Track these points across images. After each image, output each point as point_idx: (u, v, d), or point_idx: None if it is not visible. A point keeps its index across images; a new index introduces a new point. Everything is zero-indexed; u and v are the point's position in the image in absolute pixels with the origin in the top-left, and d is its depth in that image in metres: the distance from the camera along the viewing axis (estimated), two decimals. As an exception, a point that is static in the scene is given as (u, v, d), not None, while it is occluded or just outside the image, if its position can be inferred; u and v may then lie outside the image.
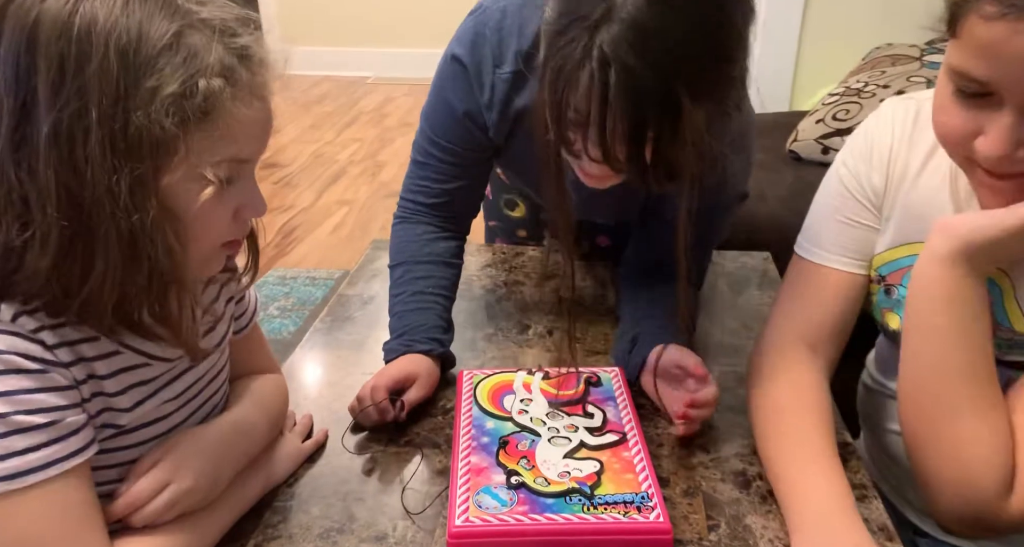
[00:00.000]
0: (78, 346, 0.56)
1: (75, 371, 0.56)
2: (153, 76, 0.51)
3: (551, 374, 0.86)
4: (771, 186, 1.80)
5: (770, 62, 2.63)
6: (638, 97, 0.64)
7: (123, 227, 0.52)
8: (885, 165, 0.75)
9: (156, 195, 0.53)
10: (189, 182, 0.54)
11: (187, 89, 0.52)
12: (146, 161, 0.51)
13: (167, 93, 0.51)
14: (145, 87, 0.50)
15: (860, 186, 0.77)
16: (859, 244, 0.78)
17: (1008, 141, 0.57)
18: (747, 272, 1.14)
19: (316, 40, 4.72)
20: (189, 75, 0.52)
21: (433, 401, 0.87)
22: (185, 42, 0.52)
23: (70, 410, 0.55)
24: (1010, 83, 0.55)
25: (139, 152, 0.51)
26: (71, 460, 0.55)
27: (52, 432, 0.54)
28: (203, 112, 0.52)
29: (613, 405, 0.81)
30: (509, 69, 0.84)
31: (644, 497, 0.68)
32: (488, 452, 0.74)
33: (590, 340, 0.98)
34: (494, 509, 0.67)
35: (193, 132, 0.53)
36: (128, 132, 0.50)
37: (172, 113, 0.51)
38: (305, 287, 2.33)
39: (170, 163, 0.53)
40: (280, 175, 3.21)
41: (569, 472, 0.71)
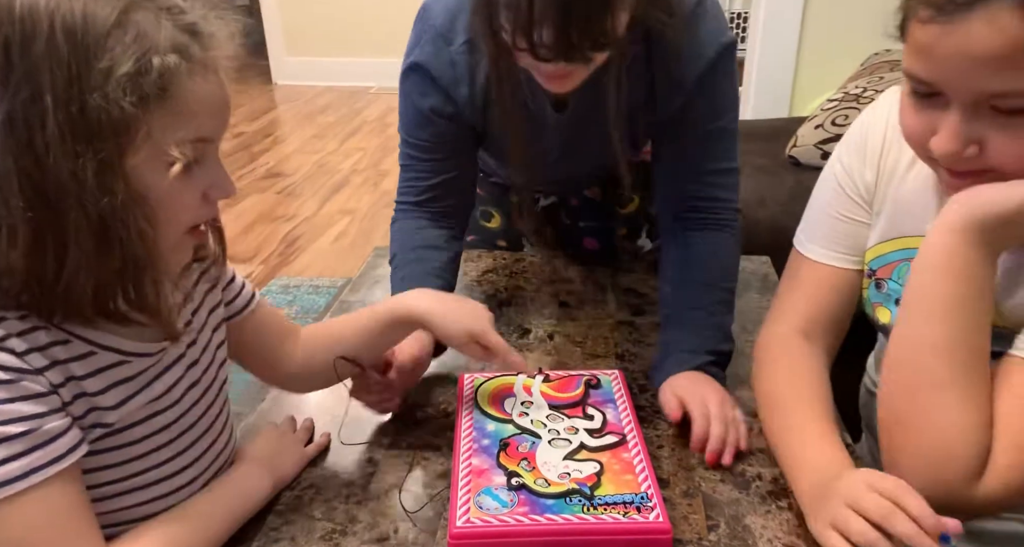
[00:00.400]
0: (50, 350, 0.55)
1: (50, 375, 0.55)
2: (105, 56, 0.50)
3: (551, 377, 0.87)
4: (771, 191, 1.80)
5: (769, 68, 2.64)
6: None
7: (92, 212, 0.51)
8: (877, 158, 0.76)
9: (123, 177, 0.52)
10: (155, 163, 0.54)
11: (142, 67, 0.51)
12: (109, 143, 0.51)
13: (122, 72, 0.50)
14: (98, 68, 0.50)
15: (852, 182, 0.78)
16: (852, 240, 0.78)
17: (956, 139, 0.57)
18: (747, 276, 1.14)
19: (319, 51, 4.76)
20: (142, 53, 0.51)
21: (434, 404, 0.88)
22: (132, 20, 0.51)
23: (48, 416, 0.54)
24: (948, 82, 0.56)
25: (100, 134, 0.50)
26: (54, 466, 0.54)
27: (30, 440, 0.53)
28: (161, 89, 0.52)
29: (613, 407, 0.82)
30: (463, 39, 0.87)
31: (644, 497, 0.68)
32: (489, 454, 0.75)
33: (590, 343, 0.99)
34: (495, 510, 0.67)
35: (153, 110, 0.52)
36: (86, 115, 0.50)
37: (129, 92, 0.50)
38: (308, 295, 2.34)
39: (133, 144, 0.52)
40: (283, 185, 3.23)
41: (569, 473, 0.71)
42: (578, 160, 1.02)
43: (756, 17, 2.73)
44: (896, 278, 0.72)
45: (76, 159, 0.50)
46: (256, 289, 0.79)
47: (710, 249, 0.94)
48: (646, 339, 1.00)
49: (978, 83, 0.54)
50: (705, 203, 0.94)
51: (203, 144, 0.57)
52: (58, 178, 0.50)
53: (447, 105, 0.91)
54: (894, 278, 0.73)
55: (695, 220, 0.94)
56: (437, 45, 0.88)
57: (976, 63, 0.53)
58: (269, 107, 4.40)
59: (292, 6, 4.67)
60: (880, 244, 0.75)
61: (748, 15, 3.91)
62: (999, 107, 0.55)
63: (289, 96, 4.59)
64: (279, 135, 3.94)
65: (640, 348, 0.98)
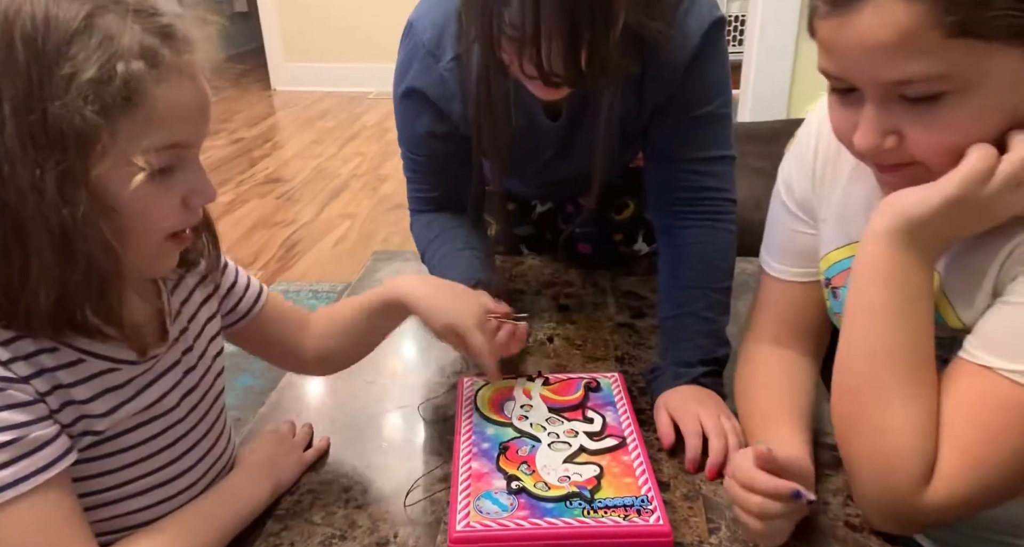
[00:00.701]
0: (36, 358, 0.55)
1: (36, 384, 0.54)
2: (67, 63, 0.48)
3: (551, 380, 0.86)
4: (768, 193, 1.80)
5: (767, 71, 2.64)
6: (571, 2, 0.66)
7: (53, 223, 0.50)
8: (811, 165, 0.75)
9: (86, 188, 0.50)
10: (123, 171, 0.52)
11: (105, 74, 0.49)
12: (70, 153, 0.49)
13: (84, 80, 0.48)
14: (59, 75, 0.48)
15: (792, 194, 0.78)
16: (804, 252, 0.77)
17: (874, 132, 0.57)
18: (745, 277, 1.14)
19: (318, 57, 4.77)
20: (106, 59, 0.49)
21: (434, 408, 0.88)
22: (98, 24, 0.50)
23: (35, 425, 0.54)
24: (853, 75, 0.57)
25: (62, 144, 0.49)
26: (42, 474, 0.54)
27: (17, 449, 0.53)
28: (125, 98, 0.50)
29: (613, 410, 0.81)
30: (451, 56, 0.87)
31: (644, 500, 0.68)
32: (489, 458, 0.74)
33: (590, 346, 0.99)
34: (495, 514, 0.67)
35: (118, 119, 0.50)
36: (47, 124, 0.48)
37: (92, 100, 0.49)
38: (308, 300, 2.34)
39: (97, 153, 0.50)
40: (283, 190, 3.23)
41: (569, 477, 0.71)
42: (573, 164, 1.01)
43: (753, 20, 2.73)
44: (849, 285, 0.72)
45: (36, 169, 0.49)
46: (265, 285, 0.79)
47: (701, 248, 0.92)
48: (646, 342, 1.00)
49: (878, 73, 0.55)
50: (697, 193, 0.93)
51: (179, 150, 0.56)
52: (18, 188, 0.49)
53: (441, 124, 0.92)
54: (847, 285, 0.72)
55: (688, 212, 0.93)
56: (426, 63, 0.88)
57: (871, 53, 0.54)
58: (268, 113, 4.40)
59: (291, 12, 4.68)
60: (832, 252, 0.73)
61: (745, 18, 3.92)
62: (908, 96, 0.55)
63: (288, 101, 4.60)
64: (278, 140, 3.95)
65: (640, 351, 0.98)
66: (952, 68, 0.53)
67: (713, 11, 0.86)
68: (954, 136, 0.56)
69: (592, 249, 1.22)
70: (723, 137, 0.93)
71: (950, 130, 0.55)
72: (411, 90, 0.91)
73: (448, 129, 0.92)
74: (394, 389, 0.92)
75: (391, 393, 0.91)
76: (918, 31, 0.51)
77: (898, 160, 0.59)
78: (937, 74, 0.53)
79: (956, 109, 0.54)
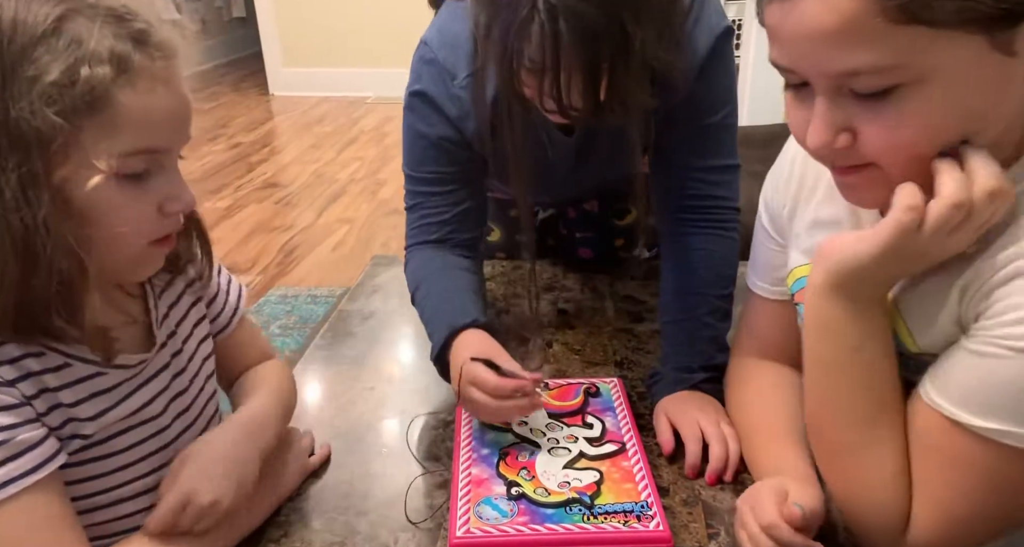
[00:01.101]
0: (22, 362, 0.55)
1: (23, 387, 0.54)
2: (32, 65, 0.48)
3: (550, 385, 0.87)
4: (767, 197, 1.80)
5: (765, 74, 2.65)
6: (590, 38, 0.67)
7: (14, 225, 0.49)
8: (786, 181, 0.73)
9: (48, 190, 0.50)
10: (86, 176, 0.51)
11: (68, 78, 0.49)
12: (33, 154, 0.49)
13: (47, 82, 0.48)
14: (23, 77, 0.48)
15: (768, 212, 0.77)
16: (780, 271, 0.76)
17: (824, 129, 0.54)
18: (744, 282, 1.14)
19: (316, 62, 4.78)
20: (71, 63, 0.49)
21: (433, 414, 0.87)
22: (68, 28, 0.49)
23: (21, 427, 0.54)
24: (799, 65, 0.54)
25: (23, 145, 0.49)
26: (31, 476, 0.54)
27: (4, 452, 0.53)
28: (88, 102, 0.50)
29: (612, 415, 0.82)
30: (465, 74, 0.86)
31: (644, 506, 0.68)
32: (488, 463, 0.75)
33: (589, 351, 0.99)
34: (495, 520, 0.67)
35: (82, 123, 0.50)
36: (9, 125, 0.48)
37: (53, 103, 0.48)
38: (307, 305, 2.34)
39: (58, 156, 0.50)
40: (281, 195, 3.23)
41: (569, 482, 0.71)
42: (587, 177, 1.01)
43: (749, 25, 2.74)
44: None
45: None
46: (250, 304, 0.78)
47: (705, 255, 0.92)
48: (645, 346, 1.00)
49: (824, 63, 0.52)
50: (703, 202, 0.93)
51: (153, 155, 0.55)
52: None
53: (456, 133, 0.89)
54: None
55: (693, 221, 0.93)
56: (443, 79, 0.87)
57: (815, 42, 0.51)
58: (266, 118, 4.40)
59: (288, 17, 4.68)
60: (797, 268, 0.72)
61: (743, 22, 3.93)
62: (857, 90, 0.52)
63: (286, 107, 4.60)
64: (276, 145, 3.95)
65: (639, 355, 0.98)
66: (900, 58, 0.49)
67: (721, 21, 0.86)
68: (908, 134, 0.52)
69: (593, 254, 1.22)
70: (729, 146, 0.93)
71: (903, 128, 0.52)
72: (421, 93, 0.88)
73: (462, 139, 0.89)
74: (393, 395, 0.92)
75: (390, 399, 0.91)
76: (861, 17, 0.48)
77: (853, 161, 0.56)
78: (884, 65, 0.49)
79: (908, 104, 0.51)
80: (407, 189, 0.95)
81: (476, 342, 0.80)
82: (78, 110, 0.50)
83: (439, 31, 0.88)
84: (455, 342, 0.81)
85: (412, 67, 0.90)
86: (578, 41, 0.67)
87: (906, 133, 0.52)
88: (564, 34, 0.66)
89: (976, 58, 0.49)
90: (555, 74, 0.69)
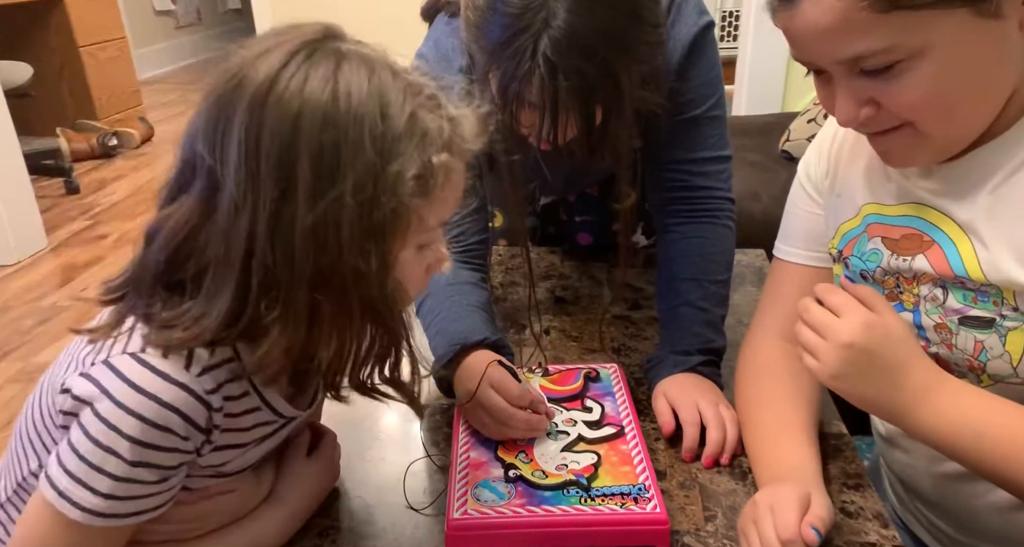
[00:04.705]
0: (231, 403, 0.56)
1: (214, 435, 0.56)
2: (397, 159, 0.51)
3: (551, 371, 0.87)
4: (765, 185, 1.80)
5: (761, 65, 2.65)
6: (586, 90, 0.70)
7: (366, 302, 0.53)
8: (828, 147, 0.77)
9: (393, 268, 0.54)
10: (414, 251, 0.57)
11: (426, 169, 0.52)
12: (389, 239, 0.53)
13: (410, 175, 0.52)
14: (391, 171, 0.51)
15: (809, 179, 0.79)
16: (818, 235, 0.78)
17: (848, 106, 0.61)
18: (742, 269, 1.15)
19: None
20: (427, 155, 0.53)
21: (432, 398, 0.87)
22: (420, 121, 0.53)
23: (177, 470, 0.56)
24: (813, 58, 0.61)
25: (383, 233, 0.52)
26: (141, 516, 0.55)
27: (147, 488, 0.54)
28: (439, 186, 0.54)
29: (611, 400, 0.82)
30: (460, 86, 0.86)
31: (641, 489, 0.68)
32: (487, 447, 0.75)
33: (586, 338, 0.99)
34: (492, 502, 0.67)
35: (427, 206, 0.54)
36: (374, 216, 0.51)
37: (416, 192, 0.52)
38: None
39: (407, 237, 0.55)
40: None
41: (567, 465, 0.71)
42: (585, 178, 1.03)
43: (747, 15, 2.73)
44: (857, 253, 0.72)
45: (362, 253, 0.51)
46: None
47: (698, 243, 0.93)
48: (642, 333, 1.00)
49: (831, 54, 0.59)
50: (693, 193, 0.93)
51: (440, 226, 0.59)
52: (343, 272, 0.52)
53: None
54: (856, 254, 0.73)
55: (685, 211, 0.94)
56: None
57: (819, 38, 0.58)
58: (262, 109, 4.38)
59: (284, 9, 4.65)
60: (844, 223, 0.74)
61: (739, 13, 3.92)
62: (866, 69, 0.58)
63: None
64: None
65: (636, 342, 0.98)
66: (895, 40, 0.55)
67: (701, 17, 0.87)
68: (924, 93, 0.58)
69: (592, 239, 1.22)
70: (715, 138, 0.93)
71: (918, 90, 0.57)
72: None
73: None
74: (391, 381, 0.92)
75: (388, 385, 0.91)
76: (850, 12, 0.55)
77: (885, 125, 0.62)
78: (881, 48, 0.56)
79: (914, 74, 0.57)
80: None
81: (491, 360, 0.79)
82: (426, 195, 0.53)
83: (435, 45, 0.89)
84: (467, 359, 0.81)
85: None
86: (575, 93, 0.71)
87: (922, 93, 0.58)
88: (562, 88, 0.70)
89: (965, 28, 0.55)
90: (552, 119, 0.73)
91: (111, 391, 0.52)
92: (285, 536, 0.67)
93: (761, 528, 0.61)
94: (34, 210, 2.60)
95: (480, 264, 0.95)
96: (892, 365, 0.61)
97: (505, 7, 0.70)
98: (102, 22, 3.84)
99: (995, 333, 0.62)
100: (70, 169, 3.15)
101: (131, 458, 0.52)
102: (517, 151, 0.81)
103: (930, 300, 0.66)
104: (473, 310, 0.88)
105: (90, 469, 0.52)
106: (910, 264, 0.67)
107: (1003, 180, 0.61)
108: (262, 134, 0.50)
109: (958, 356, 0.65)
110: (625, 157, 0.84)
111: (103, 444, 0.52)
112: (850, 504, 0.70)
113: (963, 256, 0.63)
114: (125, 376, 0.52)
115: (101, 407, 0.52)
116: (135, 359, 0.53)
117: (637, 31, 0.72)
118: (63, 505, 0.53)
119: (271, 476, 0.68)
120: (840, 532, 0.66)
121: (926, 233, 0.66)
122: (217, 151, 0.51)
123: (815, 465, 0.70)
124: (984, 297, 0.62)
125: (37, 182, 2.89)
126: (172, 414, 0.52)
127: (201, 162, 0.52)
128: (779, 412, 0.75)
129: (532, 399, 0.76)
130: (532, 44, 0.69)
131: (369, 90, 0.51)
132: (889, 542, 0.65)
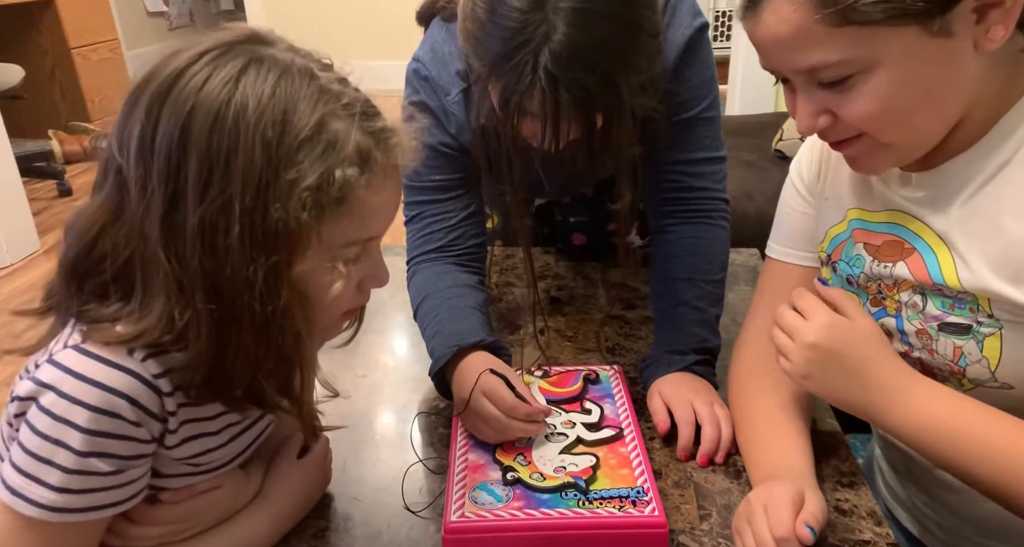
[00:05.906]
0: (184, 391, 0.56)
1: (171, 422, 0.56)
2: (293, 168, 0.50)
3: (550, 372, 0.87)
4: (758, 184, 1.81)
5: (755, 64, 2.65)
6: (587, 101, 0.71)
7: (257, 314, 0.52)
8: (820, 149, 0.77)
9: (288, 283, 0.53)
10: (320, 267, 0.55)
11: (324, 181, 0.51)
12: (280, 252, 0.51)
13: (304, 186, 0.50)
14: (284, 179, 0.50)
15: (801, 179, 0.80)
16: (809, 235, 0.79)
17: (806, 115, 0.62)
18: (735, 268, 1.15)
19: (304, 53, 4.74)
20: (327, 166, 0.51)
21: (430, 400, 0.88)
22: (327, 130, 0.51)
23: (136, 460, 0.55)
24: (773, 66, 0.62)
25: (274, 243, 0.51)
26: (105, 511, 0.55)
27: (106, 481, 0.54)
28: (337, 202, 0.52)
29: (611, 402, 0.82)
30: (457, 91, 0.87)
31: (639, 492, 0.68)
32: (485, 449, 0.75)
33: (581, 338, 0.99)
34: (489, 505, 0.67)
35: (327, 220, 0.52)
36: (265, 225, 0.50)
37: (309, 205, 0.51)
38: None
39: (304, 252, 0.53)
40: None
41: (565, 467, 0.72)
42: (583, 182, 1.03)
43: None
44: (844, 258, 0.73)
45: (250, 265, 0.50)
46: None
47: (692, 243, 0.93)
48: (636, 333, 1.00)
49: (789, 63, 0.60)
50: (687, 194, 0.94)
51: (368, 242, 0.58)
52: (233, 280, 0.51)
53: (455, 141, 0.90)
54: (843, 259, 0.73)
55: (680, 212, 0.94)
56: (437, 94, 0.88)
57: (778, 47, 0.60)
58: (255, 110, 4.37)
59: (276, 9, 4.65)
60: (832, 227, 0.75)
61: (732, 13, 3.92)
62: (823, 80, 0.59)
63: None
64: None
65: (630, 342, 0.98)
66: (847, 53, 0.57)
67: (696, 19, 0.87)
68: (876, 106, 0.59)
69: (587, 239, 1.22)
70: (709, 139, 0.93)
71: (870, 103, 0.59)
72: (423, 103, 0.89)
73: (460, 147, 0.89)
74: (386, 383, 0.92)
75: (384, 387, 0.91)
76: (806, 25, 0.56)
77: (844, 135, 0.63)
78: (835, 60, 0.57)
79: (866, 87, 0.58)
80: (405, 202, 0.95)
81: (487, 363, 0.79)
82: (325, 209, 0.52)
83: (431, 49, 0.89)
84: (464, 361, 0.81)
85: (407, 80, 0.91)
86: (576, 105, 0.71)
87: (875, 106, 0.59)
88: (564, 100, 0.70)
89: (915, 45, 0.56)
90: (554, 130, 0.73)
91: (54, 384, 0.51)
92: (274, 537, 0.67)
93: (756, 526, 0.61)
94: (26, 212, 2.59)
95: (477, 266, 0.95)
96: (858, 365, 0.63)
97: (505, 21, 0.69)
98: (94, 23, 3.82)
99: (972, 339, 0.63)
100: (62, 171, 3.14)
101: (81, 448, 0.51)
102: (519, 159, 0.82)
103: (911, 306, 0.67)
104: (470, 312, 0.88)
105: (40, 463, 0.52)
106: (891, 271, 0.67)
107: (974, 192, 0.62)
108: (157, 131, 0.49)
109: (939, 361, 0.66)
110: (625, 162, 0.84)
111: (51, 437, 0.51)
112: (844, 502, 0.70)
113: (941, 265, 0.64)
114: (67, 367, 0.52)
115: (46, 400, 0.51)
116: (76, 350, 0.52)
117: (636, 42, 0.72)
118: (17, 503, 0.52)
119: (260, 476, 0.68)
120: (834, 530, 0.67)
121: (907, 241, 0.67)
122: (124, 149, 0.51)
123: (809, 463, 0.70)
124: (961, 304, 0.63)
125: (29, 184, 2.88)
126: (119, 399, 0.52)
127: (112, 161, 0.51)
128: (772, 411, 0.75)
129: (527, 412, 0.75)
130: (533, 58, 0.69)
131: (272, 94, 0.50)
132: (883, 540, 0.66)
